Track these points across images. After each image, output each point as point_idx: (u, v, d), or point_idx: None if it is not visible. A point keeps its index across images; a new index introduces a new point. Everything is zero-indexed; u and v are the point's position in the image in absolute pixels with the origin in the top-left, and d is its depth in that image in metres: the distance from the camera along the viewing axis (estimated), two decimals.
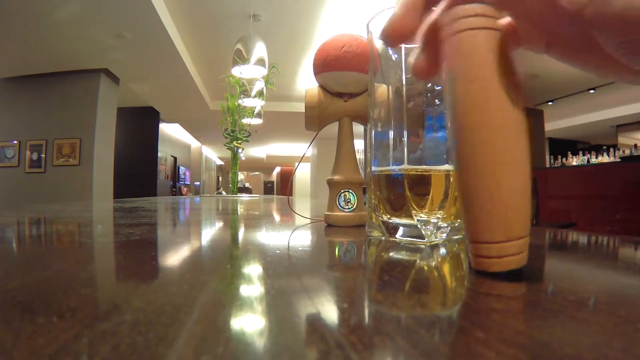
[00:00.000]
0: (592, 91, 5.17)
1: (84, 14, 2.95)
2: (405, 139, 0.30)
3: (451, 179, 0.30)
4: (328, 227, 0.45)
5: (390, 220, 0.32)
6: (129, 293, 0.17)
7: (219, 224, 0.54)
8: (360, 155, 7.40)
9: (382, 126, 0.33)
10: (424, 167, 0.30)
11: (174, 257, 0.27)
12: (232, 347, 0.11)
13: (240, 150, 2.03)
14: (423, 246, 0.29)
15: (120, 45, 3.48)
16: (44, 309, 0.14)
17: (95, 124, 3.98)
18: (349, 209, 0.45)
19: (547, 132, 6.57)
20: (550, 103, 5.67)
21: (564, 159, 6.23)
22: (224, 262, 0.25)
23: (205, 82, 5.00)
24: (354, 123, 0.47)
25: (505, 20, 0.20)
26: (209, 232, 0.46)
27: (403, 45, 0.31)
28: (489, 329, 0.12)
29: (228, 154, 2.04)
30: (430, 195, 0.30)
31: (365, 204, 0.39)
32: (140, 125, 5.95)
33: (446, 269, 0.24)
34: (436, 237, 0.30)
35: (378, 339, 0.12)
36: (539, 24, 0.18)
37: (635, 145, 4.99)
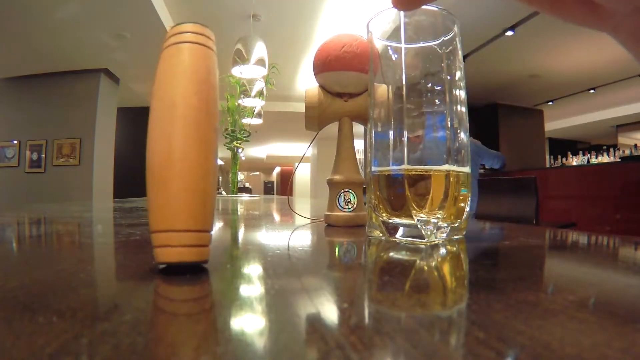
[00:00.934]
0: (592, 91, 5.16)
1: (84, 14, 2.94)
2: (405, 139, 0.30)
3: (451, 179, 0.30)
4: (328, 227, 0.45)
5: (390, 220, 0.32)
6: (129, 293, 0.17)
7: (219, 224, 0.54)
8: (360, 155, 7.40)
9: (382, 126, 0.33)
10: (424, 167, 0.30)
11: None
12: (232, 346, 0.11)
13: (240, 150, 2.03)
14: (423, 246, 0.29)
15: (120, 45, 3.48)
16: (44, 309, 0.14)
17: (95, 124, 3.98)
18: (349, 209, 0.45)
19: (547, 132, 6.55)
20: (550, 103, 5.67)
21: (564, 159, 6.23)
22: (224, 262, 0.25)
23: None
24: (354, 123, 0.47)
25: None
26: None
27: (403, 45, 0.31)
28: (488, 328, 0.12)
29: (228, 154, 2.04)
30: (430, 195, 0.30)
31: (365, 204, 0.39)
32: (140, 125, 5.95)
33: (446, 269, 0.24)
34: (436, 237, 0.30)
35: (378, 339, 0.12)
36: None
37: (635, 145, 4.98)
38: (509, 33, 3.33)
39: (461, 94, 0.32)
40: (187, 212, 0.20)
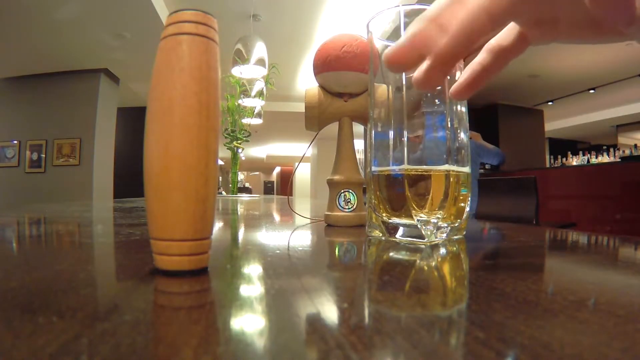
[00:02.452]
0: (592, 91, 5.16)
1: (84, 14, 2.95)
2: (405, 139, 0.30)
3: (451, 179, 0.30)
4: (328, 227, 0.45)
5: (390, 220, 0.32)
6: (129, 293, 0.17)
7: (219, 224, 0.54)
8: (360, 155, 7.40)
9: (382, 126, 0.33)
10: (424, 167, 0.30)
11: None
12: (232, 346, 0.11)
13: (240, 150, 2.03)
14: (423, 246, 0.29)
15: (120, 45, 3.47)
16: (44, 309, 0.14)
17: (95, 124, 3.98)
18: (349, 209, 0.45)
19: (547, 132, 6.55)
20: (550, 103, 5.66)
21: (564, 159, 6.23)
22: (224, 261, 0.25)
23: None
24: (354, 123, 0.47)
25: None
26: None
27: None
28: (488, 328, 0.12)
29: (228, 153, 2.04)
30: (430, 195, 0.30)
31: (365, 204, 0.39)
32: (140, 125, 5.95)
33: (446, 269, 0.24)
34: (436, 237, 0.30)
35: (378, 339, 0.12)
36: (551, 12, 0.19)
37: (635, 145, 4.98)
38: None
39: None
40: (187, 222, 0.19)
